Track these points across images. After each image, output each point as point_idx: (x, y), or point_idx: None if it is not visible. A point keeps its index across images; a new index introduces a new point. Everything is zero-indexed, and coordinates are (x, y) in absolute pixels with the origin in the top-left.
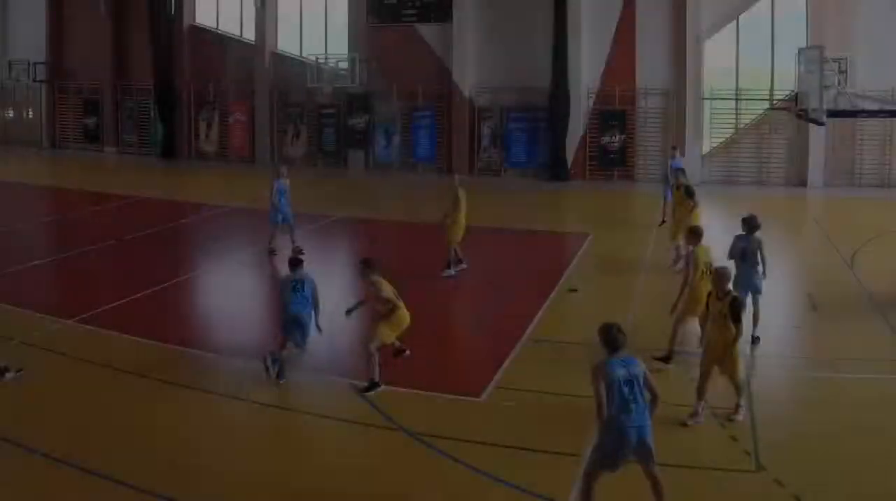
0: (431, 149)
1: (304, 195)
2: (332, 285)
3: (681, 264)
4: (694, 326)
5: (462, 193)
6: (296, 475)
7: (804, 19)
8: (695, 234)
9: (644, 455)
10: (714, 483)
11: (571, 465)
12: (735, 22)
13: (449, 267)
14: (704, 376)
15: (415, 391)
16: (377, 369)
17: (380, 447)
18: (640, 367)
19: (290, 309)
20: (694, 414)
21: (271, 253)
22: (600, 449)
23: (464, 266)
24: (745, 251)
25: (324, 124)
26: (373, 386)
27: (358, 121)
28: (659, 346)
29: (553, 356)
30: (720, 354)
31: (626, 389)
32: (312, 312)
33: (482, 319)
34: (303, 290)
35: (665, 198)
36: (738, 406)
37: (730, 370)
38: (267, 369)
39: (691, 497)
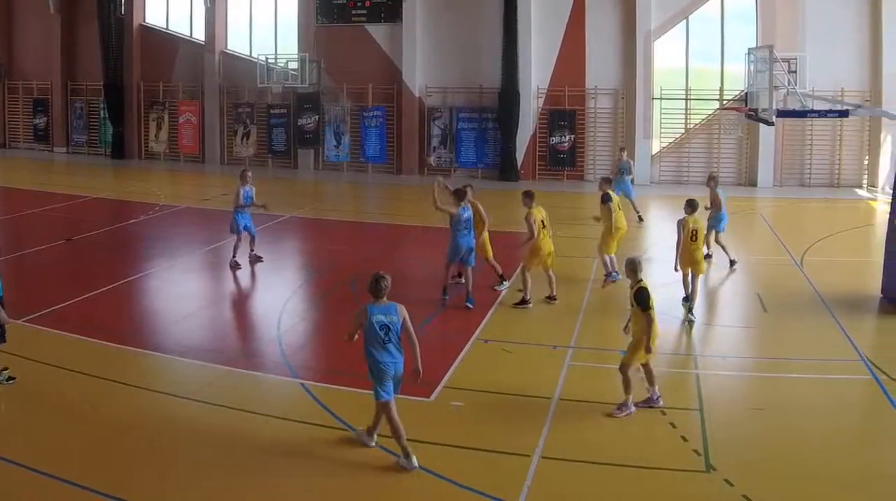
0: (381, 149)
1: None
2: (281, 284)
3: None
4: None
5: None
6: (246, 476)
7: (754, 19)
8: (690, 206)
9: (397, 384)
10: (664, 484)
11: (522, 464)
12: (685, 22)
13: (502, 281)
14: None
15: (365, 391)
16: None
17: (330, 447)
18: (399, 316)
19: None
20: (650, 400)
21: (235, 266)
22: (376, 376)
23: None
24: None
25: (273, 124)
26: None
27: (308, 121)
28: (609, 345)
29: (501, 356)
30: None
31: (381, 332)
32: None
33: (431, 319)
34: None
35: (629, 197)
36: (622, 404)
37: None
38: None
39: (641, 498)
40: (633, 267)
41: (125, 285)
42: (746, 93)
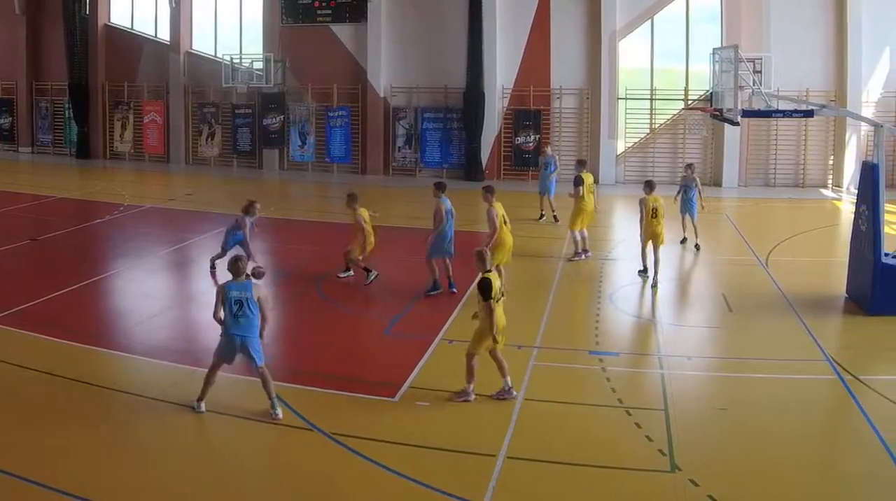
0: (346, 149)
1: (219, 195)
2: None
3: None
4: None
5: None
6: (212, 475)
7: (719, 19)
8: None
9: (247, 356)
10: (629, 484)
11: (487, 465)
12: (649, 22)
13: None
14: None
15: (330, 391)
16: None
17: (296, 447)
18: (253, 292)
19: None
20: (503, 391)
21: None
22: (219, 347)
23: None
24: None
25: (238, 124)
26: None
27: (273, 121)
28: (574, 344)
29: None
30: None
31: (235, 306)
32: None
33: (396, 320)
34: None
35: (546, 194)
36: (461, 391)
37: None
38: None
39: (606, 498)
40: (482, 258)
41: (90, 285)
42: (711, 93)
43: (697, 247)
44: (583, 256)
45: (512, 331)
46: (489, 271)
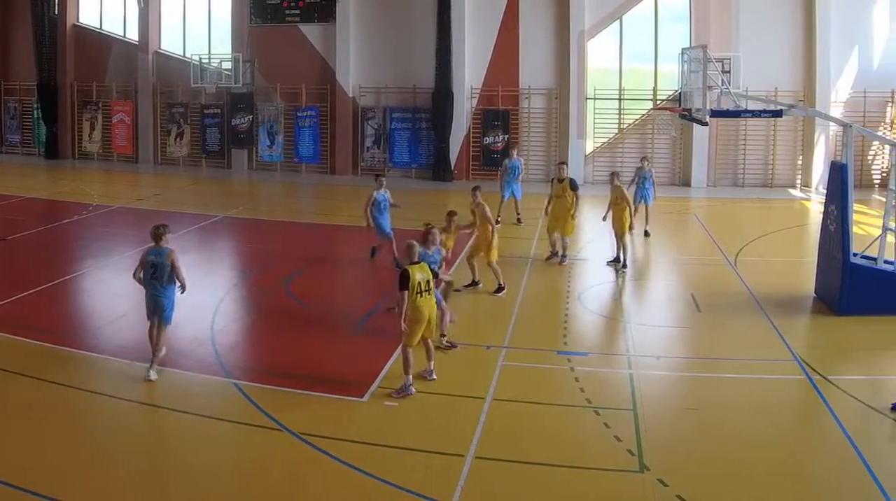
0: (315, 148)
1: (187, 195)
2: (215, 285)
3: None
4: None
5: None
6: (179, 475)
7: (687, 19)
8: None
9: (159, 315)
10: (598, 484)
11: (456, 464)
12: (618, 22)
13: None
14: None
15: (298, 391)
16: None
17: (263, 446)
18: (167, 259)
19: None
20: (425, 371)
21: None
22: (146, 306)
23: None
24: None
25: (207, 124)
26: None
27: (241, 121)
28: (542, 345)
29: (436, 356)
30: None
31: (151, 270)
32: None
33: (365, 320)
34: None
35: (503, 198)
36: (401, 387)
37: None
38: None
39: (575, 498)
40: (410, 251)
41: (59, 285)
42: (680, 93)
43: (647, 233)
44: (560, 259)
45: (480, 332)
46: (414, 263)
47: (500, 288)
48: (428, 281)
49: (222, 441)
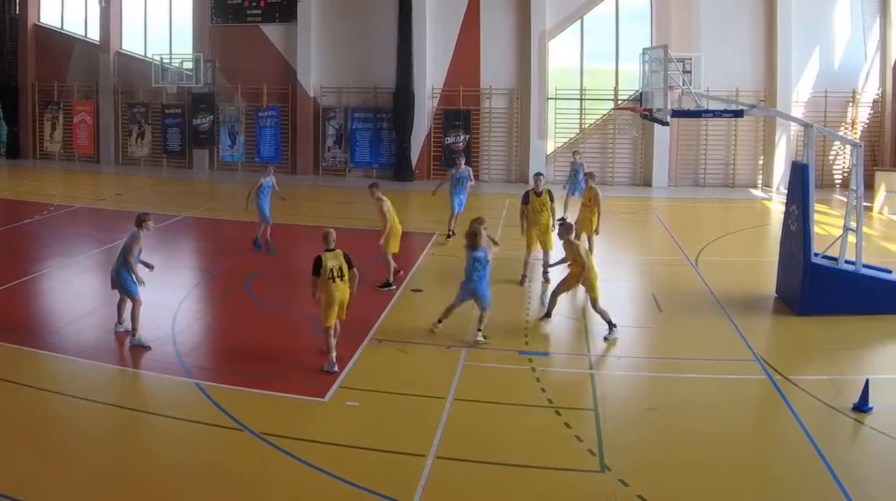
0: (276, 148)
1: (149, 195)
2: (176, 284)
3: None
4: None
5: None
6: (141, 475)
7: (648, 19)
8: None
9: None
10: (558, 484)
11: (417, 464)
12: (579, 22)
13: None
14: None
15: (259, 391)
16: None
17: (225, 446)
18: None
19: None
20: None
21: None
22: None
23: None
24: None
25: (168, 124)
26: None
27: (202, 121)
28: (504, 345)
29: (397, 356)
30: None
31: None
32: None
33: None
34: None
35: (453, 210)
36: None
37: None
38: None
39: (536, 497)
40: (326, 238)
41: (20, 285)
42: (641, 93)
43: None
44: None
45: (441, 331)
46: (331, 250)
47: (387, 284)
48: (341, 268)
49: (184, 441)
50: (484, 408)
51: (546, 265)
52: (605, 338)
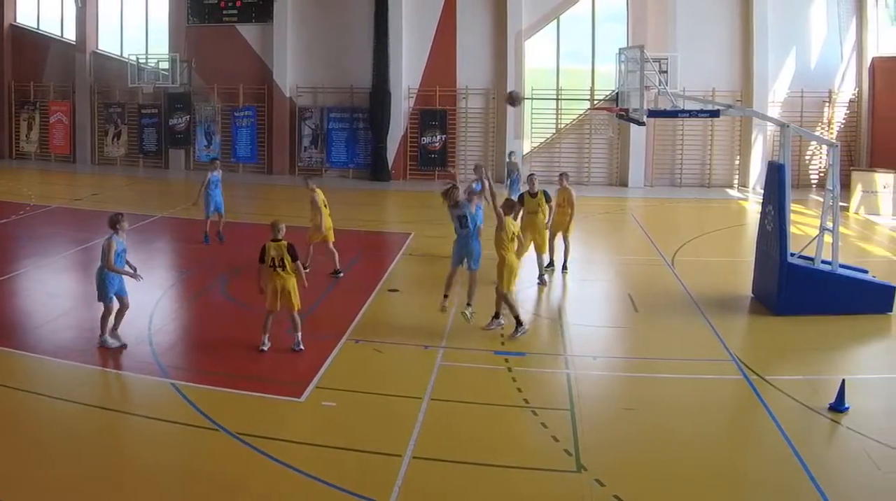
0: (252, 148)
1: (125, 195)
2: (152, 284)
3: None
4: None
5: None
6: (116, 475)
7: (625, 19)
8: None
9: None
10: (535, 484)
11: (393, 464)
12: (555, 22)
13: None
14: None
15: (236, 391)
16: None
17: (201, 446)
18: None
19: None
20: (295, 344)
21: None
22: None
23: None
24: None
25: (144, 124)
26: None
27: (179, 122)
28: (480, 345)
29: (373, 356)
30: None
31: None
32: None
33: (302, 319)
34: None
35: None
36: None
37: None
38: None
39: (512, 497)
40: (273, 227)
41: None
42: (617, 93)
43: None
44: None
45: (417, 331)
46: (276, 241)
47: (336, 271)
48: (282, 259)
49: (160, 441)
50: (460, 408)
51: (541, 268)
52: (512, 336)
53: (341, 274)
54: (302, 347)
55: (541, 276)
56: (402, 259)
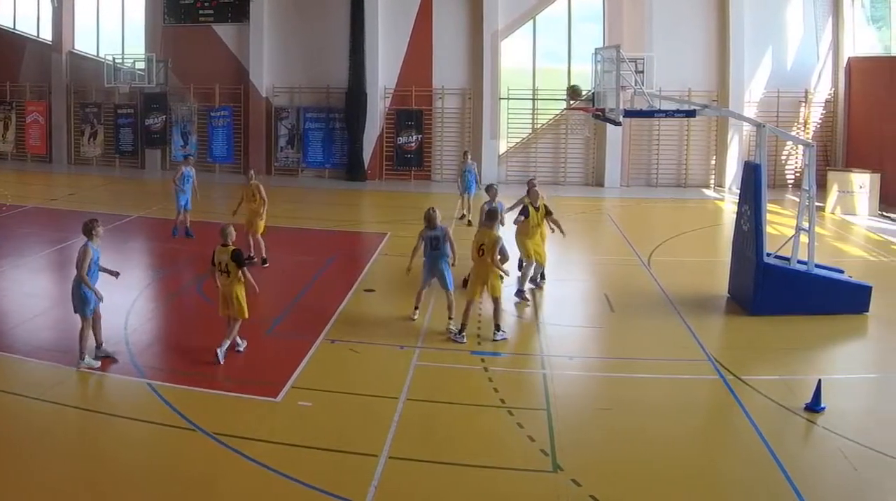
0: (228, 148)
1: (101, 195)
2: (129, 284)
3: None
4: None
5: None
6: (92, 475)
7: (601, 19)
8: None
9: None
10: (511, 484)
11: (370, 464)
12: (532, 22)
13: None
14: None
15: (212, 391)
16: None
17: (178, 446)
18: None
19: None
20: (234, 345)
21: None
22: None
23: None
24: None
25: (121, 124)
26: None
27: (155, 121)
28: (455, 345)
29: (349, 356)
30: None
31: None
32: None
33: (279, 320)
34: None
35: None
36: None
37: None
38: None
39: (488, 497)
40: (222, 232)
41: None
42: (594, 93)
43: (469, 222)
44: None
45: (393, 331)
46: (224, 246)
47: (263, 261)
48: (226, 264)
49: (136, 442)
50: (436, 408)
51: (540, 276)
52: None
53: (255, 260)
54: (221, 360)
55: (538, 283)
56: (378, 259)
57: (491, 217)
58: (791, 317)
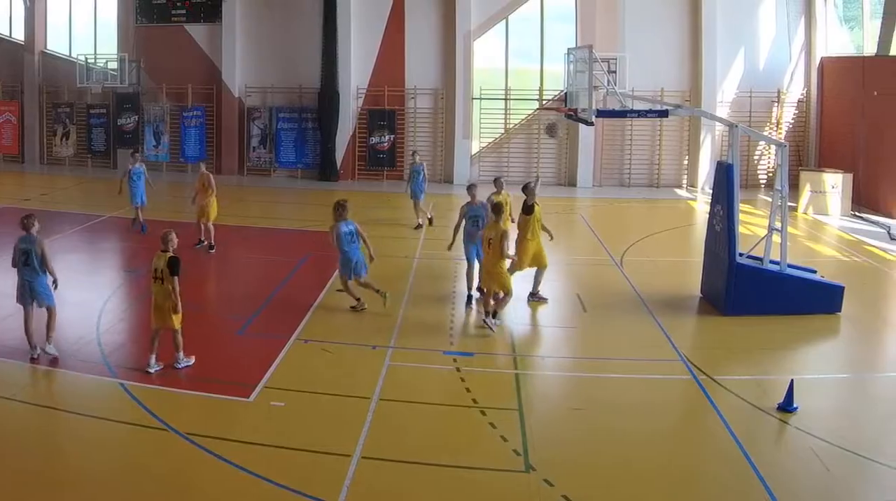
0: (200, 148)
1: (74, 195)
2: (101, 284)
3: None
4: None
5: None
6: (65, 475)
7: (573, 19)
8: None
9: (38, 299)
10: (484, 484)
11: (342, 464)
12: (504, 22)
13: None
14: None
15: (184, 391)
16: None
17: (150, 447)
18: (36, 245)
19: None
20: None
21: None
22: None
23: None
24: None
25: (93, 124)
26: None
27: (127, 121)
28: (427, 345)
29: (322, 356)
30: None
31: (23, 257)
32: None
33: (251, 320)
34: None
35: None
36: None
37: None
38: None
39: (461, 497)
40: (163, 238)
41: None
42: (566, 93)
43: (431, 220)
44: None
45: (365, 331)
46: (163, 251)
47: (210, 246)
48: (162, 271)
49: (108, 442)
50: (409, 408)
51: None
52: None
53: (204, 243)
54: (180, 365)
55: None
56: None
57: (497, 210)
58: (763, 317)
